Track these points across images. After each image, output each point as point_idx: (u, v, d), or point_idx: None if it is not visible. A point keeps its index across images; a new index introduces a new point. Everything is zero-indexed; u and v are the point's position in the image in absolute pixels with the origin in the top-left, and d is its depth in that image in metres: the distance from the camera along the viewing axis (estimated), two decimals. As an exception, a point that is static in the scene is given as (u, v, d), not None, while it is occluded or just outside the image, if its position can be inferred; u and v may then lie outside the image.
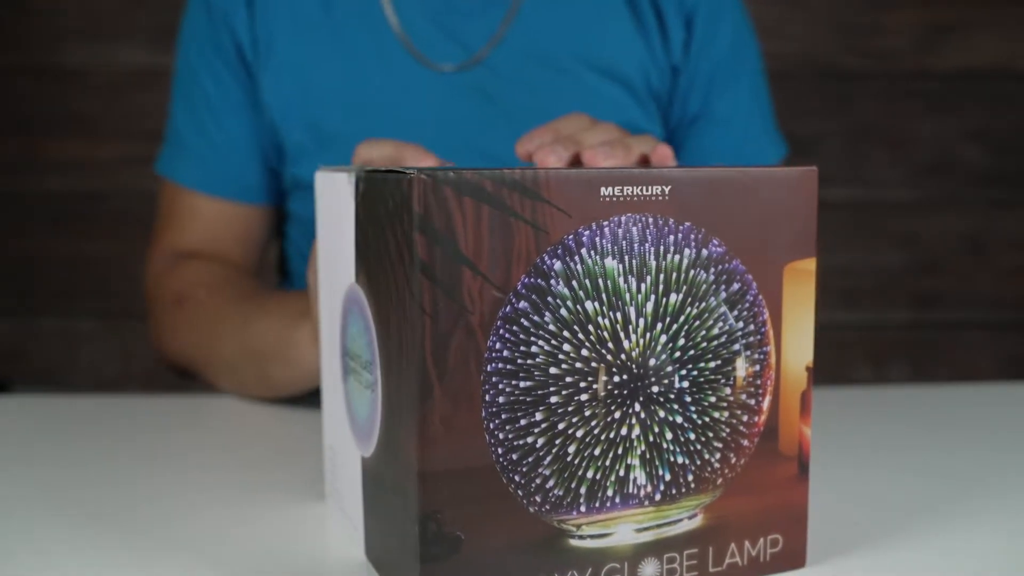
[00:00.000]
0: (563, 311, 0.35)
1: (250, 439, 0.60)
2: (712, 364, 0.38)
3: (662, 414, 0.37)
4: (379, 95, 0.75)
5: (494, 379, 0.34)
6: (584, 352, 0.36)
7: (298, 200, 0.80)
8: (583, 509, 0.37)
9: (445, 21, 0.75)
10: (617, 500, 0.37)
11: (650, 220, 0.36)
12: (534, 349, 0.35)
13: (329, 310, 0.44)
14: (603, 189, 0.35)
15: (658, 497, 0.38)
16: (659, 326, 0.37)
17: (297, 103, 0.76)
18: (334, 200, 0.42)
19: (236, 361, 0.67)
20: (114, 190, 1.83)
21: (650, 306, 0.36)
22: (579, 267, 0.35)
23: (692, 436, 0.38)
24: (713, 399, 0.38)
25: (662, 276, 0.37)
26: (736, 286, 0.38)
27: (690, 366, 0.38)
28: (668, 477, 0.38)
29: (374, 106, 0.75)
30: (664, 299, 0.37)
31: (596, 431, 0.36)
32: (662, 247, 0.36)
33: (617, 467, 0.37)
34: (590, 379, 0.36)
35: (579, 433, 0.36)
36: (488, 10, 0.75)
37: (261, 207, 0.80)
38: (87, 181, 1.82)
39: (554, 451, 0.36)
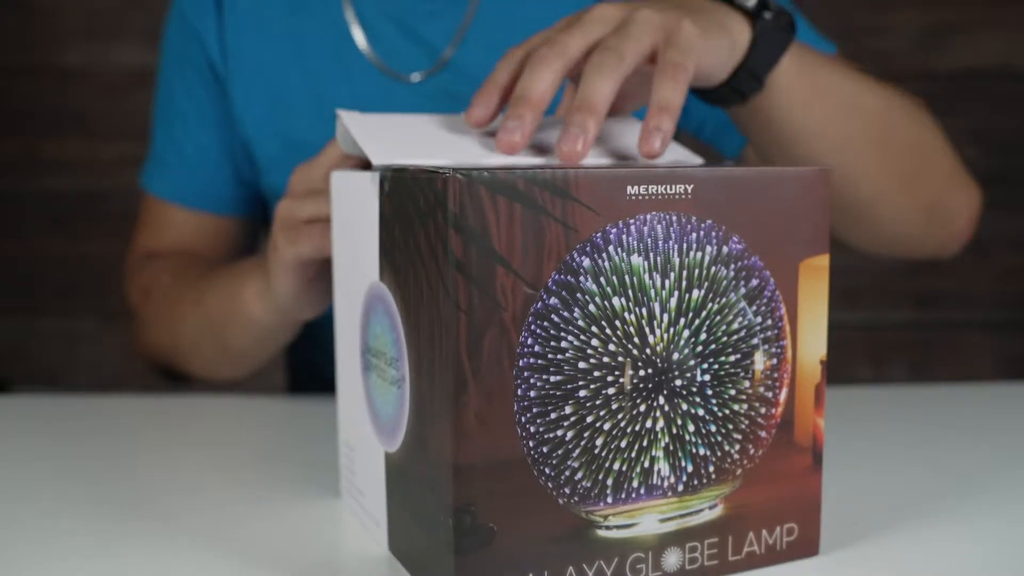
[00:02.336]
0: (591, 307, 0.36)
1: (255, 437, 0.60)
2: (732, 358, 0.39)
3: (685, 407, 0.38)
4: (343, 104, 0.75)
5: (526, 374, 0.35)
6: (611, 347, 0.36)
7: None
8: (610, 500, 0.37)
9: (407, 23, 0.75)
10: (642, 491, 0.38)
11: (674, 218, 0.37)
12: (564, 344, 0.36)
13: (347, 308, 0.45)
14: (629, 188, 0.36)
15: (681, 488, 0.39)
16: (682, 321, 0.38)
17: (266, 112, 0.76)
18: (354, 200, 0.43)
19: (197, 337, 0.68)
20: (114, 190, 1.83)
21: (674, 302, 0.37)
22: (607, 264, 0.36)
23: (713, 428, 0.39)
24: (733, 392, 0.39)
25: (685, 272, 0.38)
26: (755, 282, 0.39)
27: (711, 360, 0.38)
28: (690, 468, 0.39)
29: None
30: (687, 295, 0.38)
31: (622, 424, 0.37)
32: (685, 244, 0.37)
33: (642, 459, 0.38)
34: (617, 373, 0.37)
35: (606, 426, 0.37)
36: (448, 9, 0.75)
37: (233, 218, 0.82)
38: (87, 181, 1.83)
39: (583, 444, 0.37)
